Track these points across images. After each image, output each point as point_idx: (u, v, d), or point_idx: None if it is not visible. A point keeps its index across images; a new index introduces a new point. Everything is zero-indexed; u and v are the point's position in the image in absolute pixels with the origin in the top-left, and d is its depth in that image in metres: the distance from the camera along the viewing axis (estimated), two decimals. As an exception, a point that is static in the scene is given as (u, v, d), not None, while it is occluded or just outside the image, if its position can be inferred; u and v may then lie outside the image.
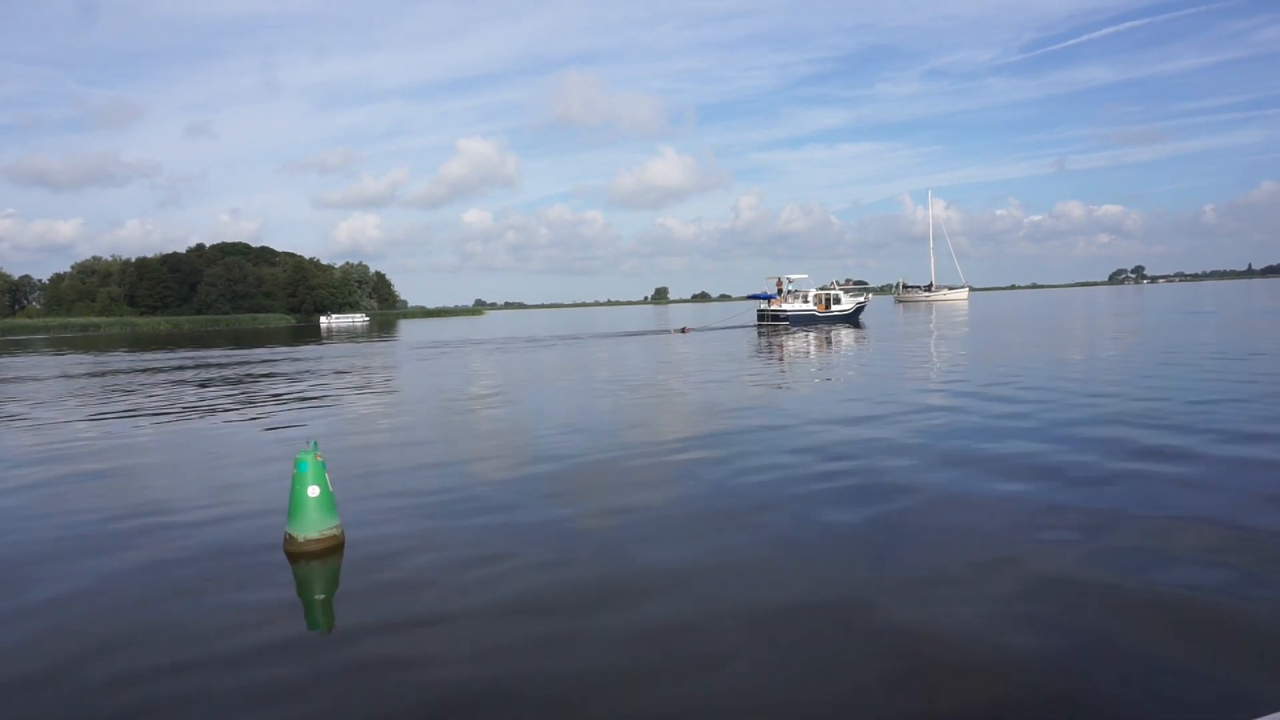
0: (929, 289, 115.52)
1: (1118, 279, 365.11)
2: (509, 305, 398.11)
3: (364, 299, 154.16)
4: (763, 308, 55.13)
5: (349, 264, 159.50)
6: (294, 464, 6.55)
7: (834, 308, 54.42)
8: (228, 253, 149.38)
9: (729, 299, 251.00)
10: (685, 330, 48.72)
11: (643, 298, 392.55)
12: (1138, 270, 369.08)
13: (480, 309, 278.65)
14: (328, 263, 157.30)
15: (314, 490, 6.47)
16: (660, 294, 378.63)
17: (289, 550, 6.52)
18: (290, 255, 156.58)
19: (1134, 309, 58.10)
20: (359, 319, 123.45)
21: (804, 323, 51.86)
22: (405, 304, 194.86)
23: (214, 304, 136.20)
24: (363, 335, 63.26)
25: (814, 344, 32.56)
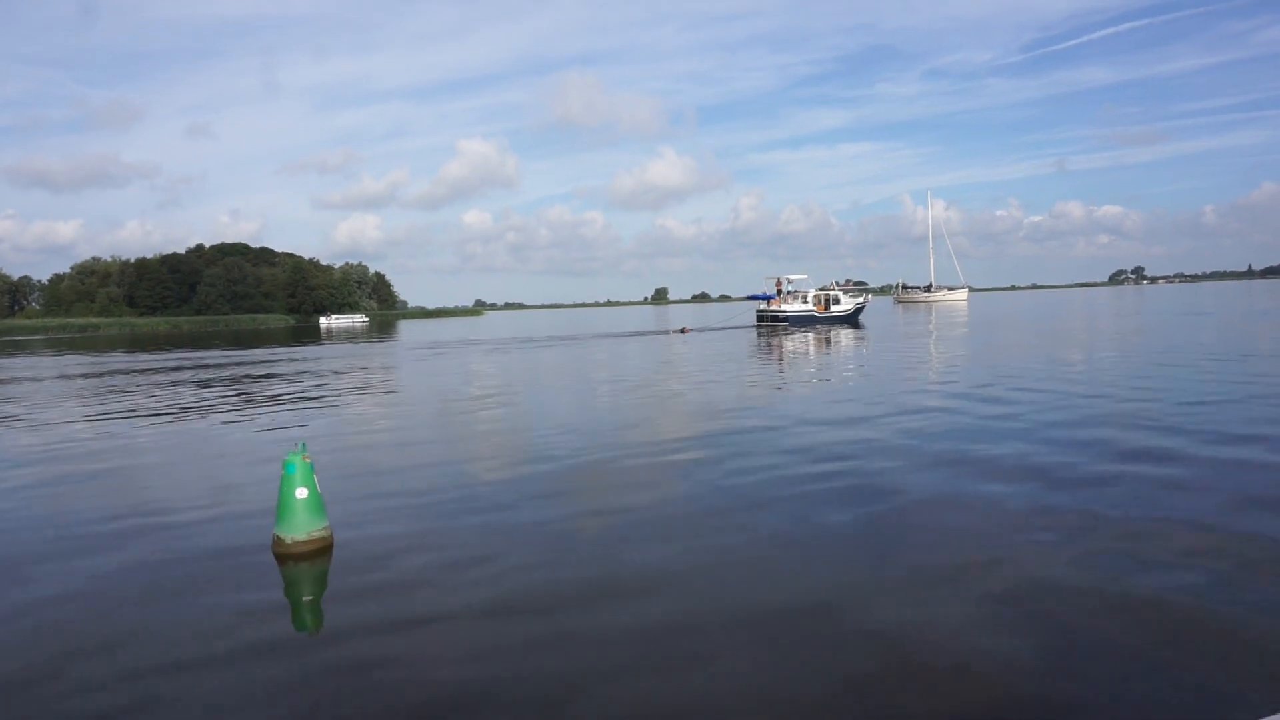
0: (928, 289, 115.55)
1: (1118, 280, 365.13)
2: (509, 306, 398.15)
3: (363, 300, 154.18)
4: (762, 308, 55.04)
5: (348, 264, 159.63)
6: (282, 465, 6.55)
7: (833, 308, 54.36)
8: (227, 253, 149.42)
9: (729, 299, 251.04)
10: (684, 331, 48.72)
11: (643, 298, 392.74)
12: (1138, 271, 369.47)
13: (480, 310, 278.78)
14: (327, 263, 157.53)
15: (302, 492, 6.47)
16: (660, 295, 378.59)
17: (277, 552, 6.52)
18: (290, 256, 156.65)
19: (1133, 310, 58.11)
20: (358, 320, 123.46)
21: (803, 323, 51.81)
22: (405, 305, 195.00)
23: (213, 305, 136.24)
24: (362, 336, 63.25)
25: (812, 345, 32.55)
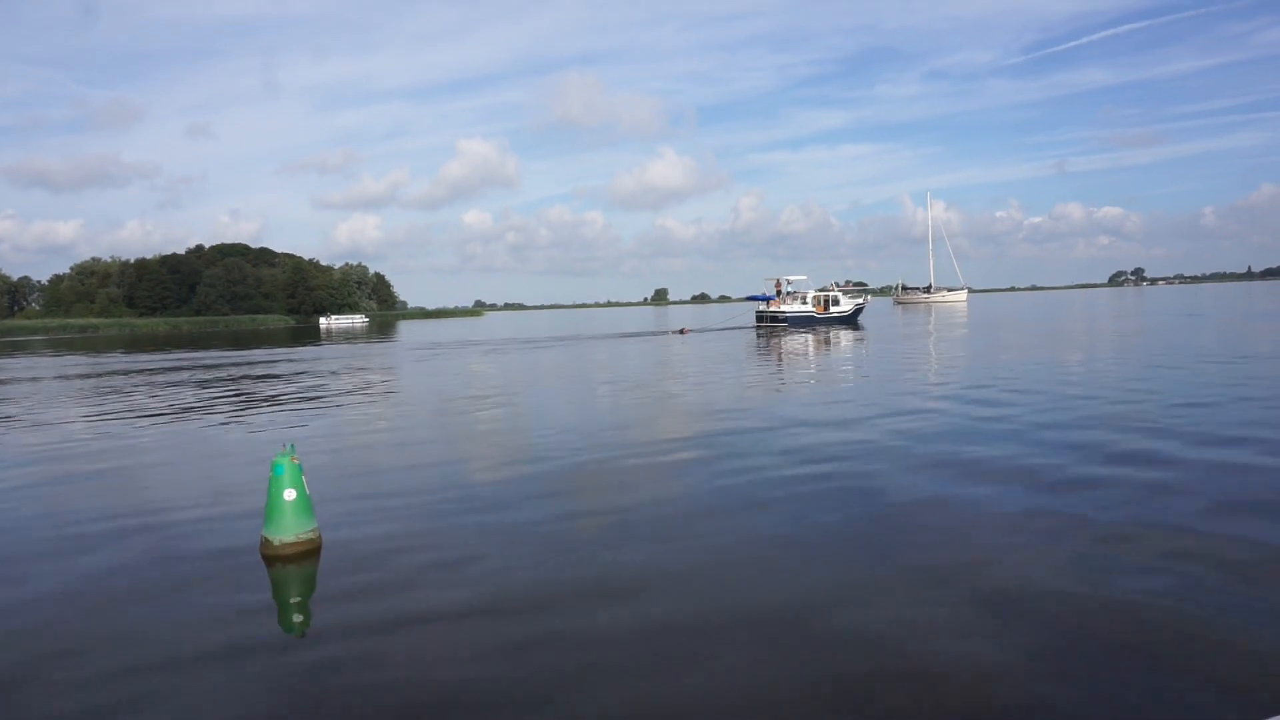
0: (928, 290, 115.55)
1: (1117, 281, 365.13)
2: (509, 306, 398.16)
3: (363, 300, 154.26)
4: (761, 309, 55.06)
5: (348, 265, 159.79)
6: (270, 467, 6.55)
7: (833, 309, 54.39)
8: (227, 254, 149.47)
9: (729, 300, 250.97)
10: (684, 331, 48.73)
11: (642, 299, 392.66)
12: (1137, 272, 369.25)
13: (480, 310, 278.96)
14: (327, 264, 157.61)
15: (290, 494, 6.48)
16: (660, 295, 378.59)
17: (265, 554, 6.54)
18: (289, 256, 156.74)
19: (1132, 311, 58.12)
20: (358, 320, 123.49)
21: (802, 324, 51.82)
22: (405, 305, 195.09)
23: (213, 305, 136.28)
24: (362, 337, 63.25)
25: (811, 346, 32.55)
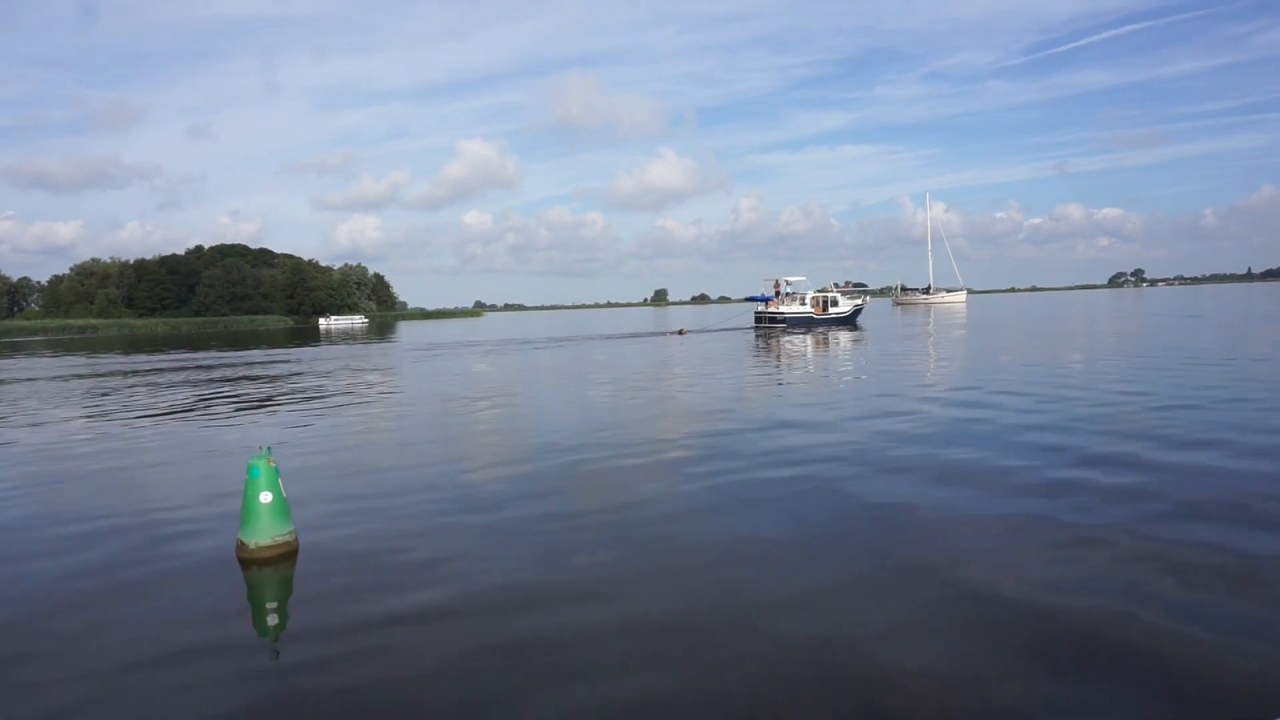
0: (927, 291, 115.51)
1: (1117, 282, 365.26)
2: (509, 307, 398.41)
3: (362, 301, 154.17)
4: (760, 310, 54.98)
5: (347, 266, 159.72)
6: (246, 469, 6.40)
7: (831, 310, 54.26)
8: (226, 254, 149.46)
9: (728, 301, 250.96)
10: (683, 332, 48.66)
11: (642, 300, 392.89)
12: (1137, 273, 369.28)
13: (479, 311, 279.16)
14: (327, 265, 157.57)
15: (266, 496, 6.34)
16: (660, 296, 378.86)
17: (241, 557, 6.41)
18: (289, 257, 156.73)
19: (1131, 312, 58.02)
20: (358, 321, 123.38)
21: (801, 325, 51.71)
22: (404, 306, 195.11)
23: (212, 306, 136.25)
24: (361, 337, 63.15)
25: (808, 347, 32.42)
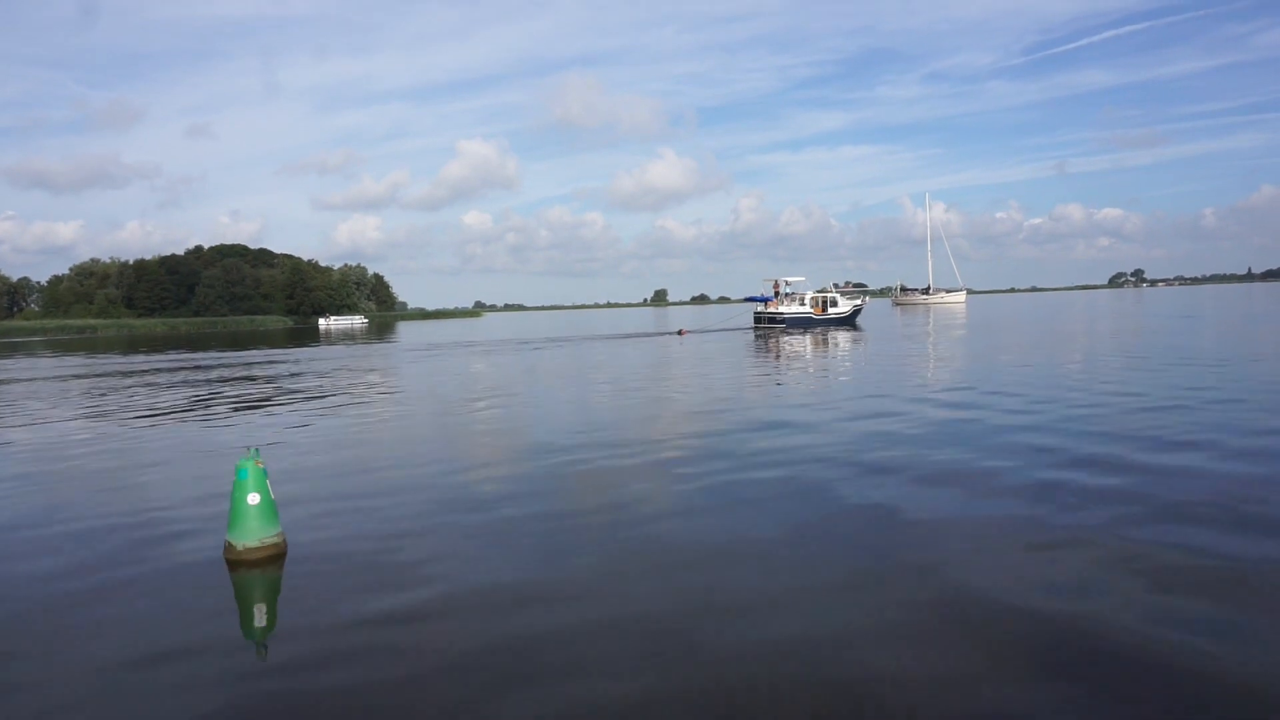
0: (926, 292, 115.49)
1: (1117, 282, 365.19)
2: (509, 307, 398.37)
3: (362, 301, 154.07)
4: (759, 310, 54.94)
5: (347, 266, 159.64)
6: (234, 471, 6.35)
7: (831, 310, 54.20)
8: (225, 255, 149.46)
9: (728, 301, 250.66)
10: (682, 333, 48.64)
11: (642, 300, 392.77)
12: (1137, 274, 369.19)
13: (479, 311, 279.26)
14: (326, 265, 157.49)
15: (254, 498, 6.29)
16: (659, 296, 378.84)
17: (228, 558, 6.36)
18: (288, 257, 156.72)
19: (1129, 313, 58.00)
20: (357, 321, 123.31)
21: (800, 325, 51.65)
22: (404, 306, 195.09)
23: (211, 306, 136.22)
24: (361, 337, 63.12)
25: (806, 347, 32.38)
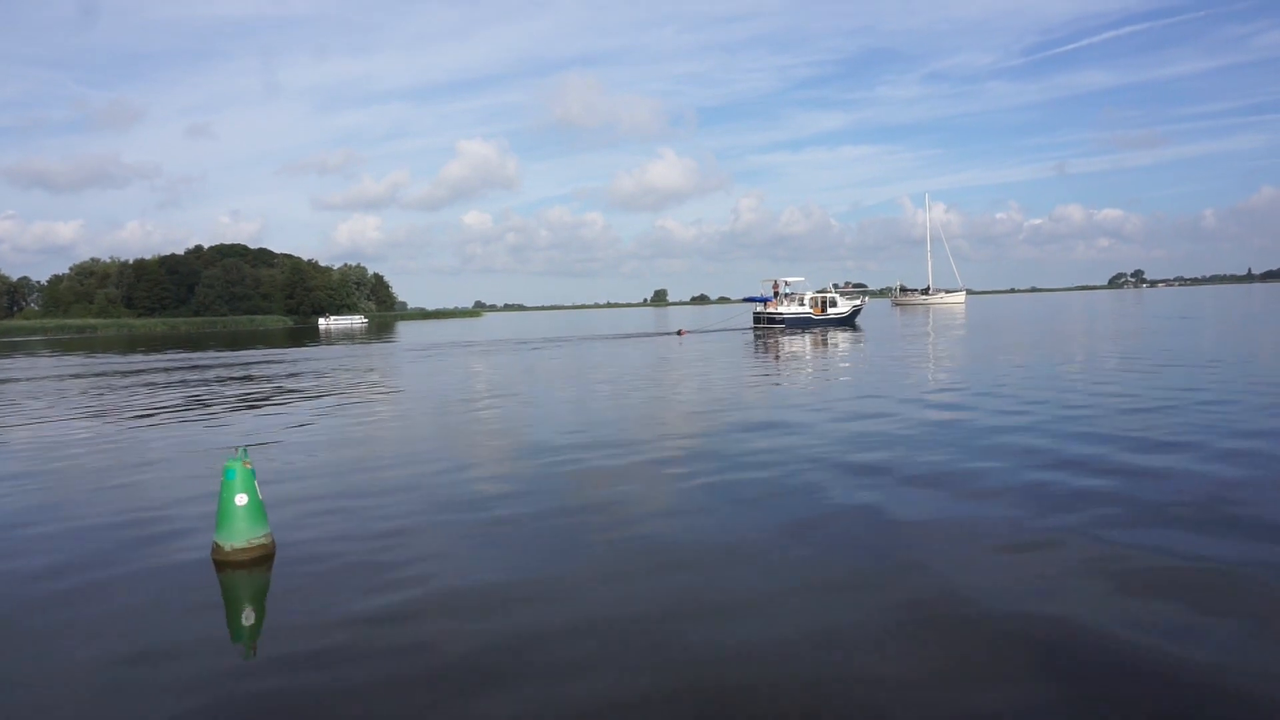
0: (925, 292, 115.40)
1: (1117, 283, 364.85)
2: (509, 307, 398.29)
3: (362, 301, 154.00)
4: (759, 310, 54.86)
5: (347, 266, 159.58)
6: (221, 471, 6.31)
7: (830, 311, 54.12)
8: (225, 254, 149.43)
9: (728, 301, 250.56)
10: (681, 333, 48.58)
11: (642, 300, 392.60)
12: (1137, 274, 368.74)
13: (479, 311, 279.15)
14: (326, 264, 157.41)
15: (242, 498, 6.25)
16: (659, 296, 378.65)
17: (216, 559, 6.33)
18: (288, 257, 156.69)
19: (1128, 313, 57.90)
20: (357, 321, 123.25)
21: (799, 326, 51.58)
22: (404, 306, 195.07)
23: (211, 306, 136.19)
24: (360, 337, 63.07)
25: (805, 347, 32.33)
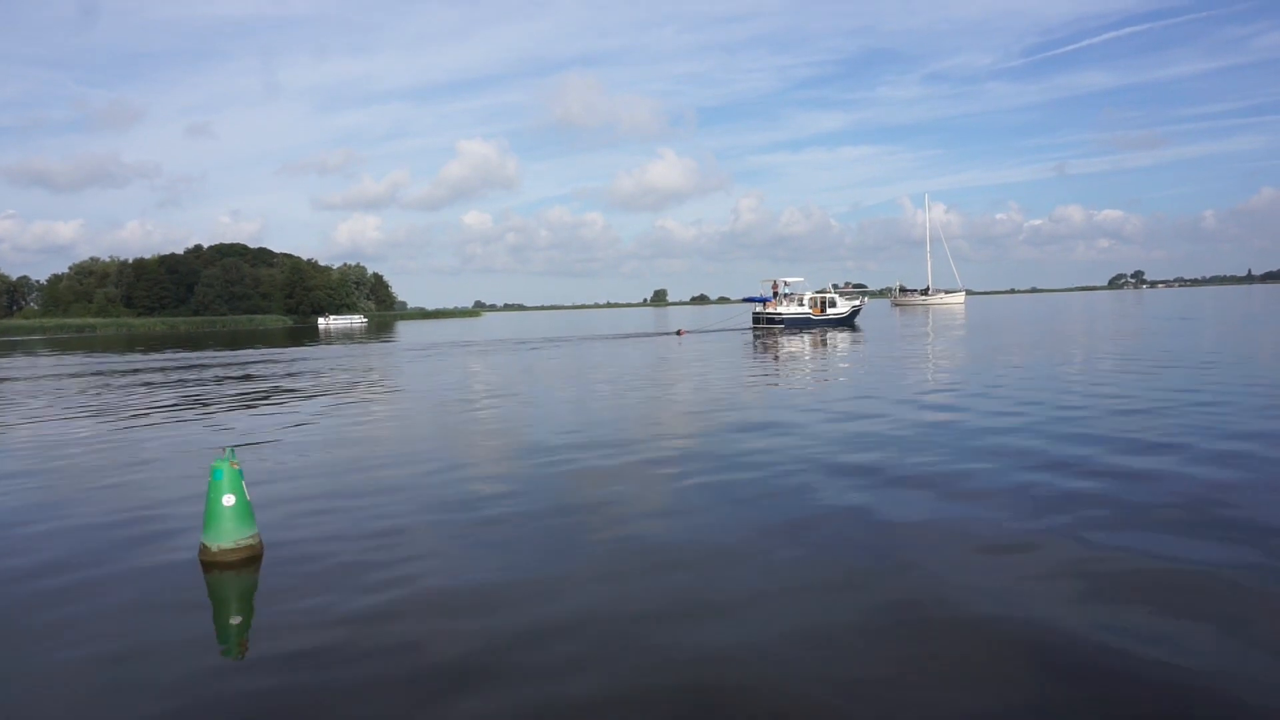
0: (925, 293, 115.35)
1: (1117, 284, 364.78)
2: (509, 307, 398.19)
3: (361, 301, 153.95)
4: (758, 311, 54.81)
5: (346, 265, 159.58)
6: (209, 472, 6.26)
7: (829, 311, 54.07)
8: (225, 254, 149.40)
9: (728, 301, 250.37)
10: (681, 333, 48.55)
11: (642, 300, 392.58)
12: (1137, 275, 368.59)
13: (478, 311, 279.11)
14: (326, 264, 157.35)
15: (229, 499, 6.21)
16: (659, 296, 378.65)
17: (203, 560, 6.29)
18: (288, 256, 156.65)
19: (1128, 314, 57.88)
20: (357, 321, 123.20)
21: (799, 326, 51.54)
22: (404, 306, 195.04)
23: (211, 305, 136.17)
24: (360, 337, 63.04)
25: (804, 348, 32.30)
